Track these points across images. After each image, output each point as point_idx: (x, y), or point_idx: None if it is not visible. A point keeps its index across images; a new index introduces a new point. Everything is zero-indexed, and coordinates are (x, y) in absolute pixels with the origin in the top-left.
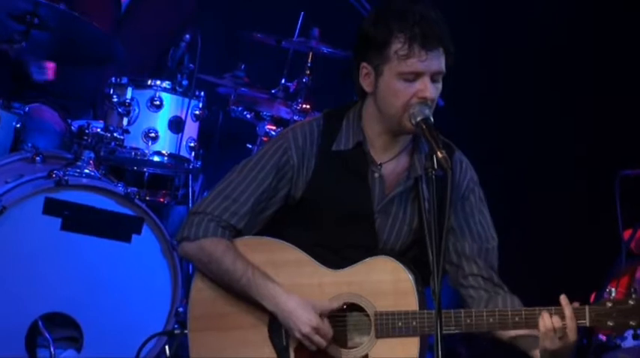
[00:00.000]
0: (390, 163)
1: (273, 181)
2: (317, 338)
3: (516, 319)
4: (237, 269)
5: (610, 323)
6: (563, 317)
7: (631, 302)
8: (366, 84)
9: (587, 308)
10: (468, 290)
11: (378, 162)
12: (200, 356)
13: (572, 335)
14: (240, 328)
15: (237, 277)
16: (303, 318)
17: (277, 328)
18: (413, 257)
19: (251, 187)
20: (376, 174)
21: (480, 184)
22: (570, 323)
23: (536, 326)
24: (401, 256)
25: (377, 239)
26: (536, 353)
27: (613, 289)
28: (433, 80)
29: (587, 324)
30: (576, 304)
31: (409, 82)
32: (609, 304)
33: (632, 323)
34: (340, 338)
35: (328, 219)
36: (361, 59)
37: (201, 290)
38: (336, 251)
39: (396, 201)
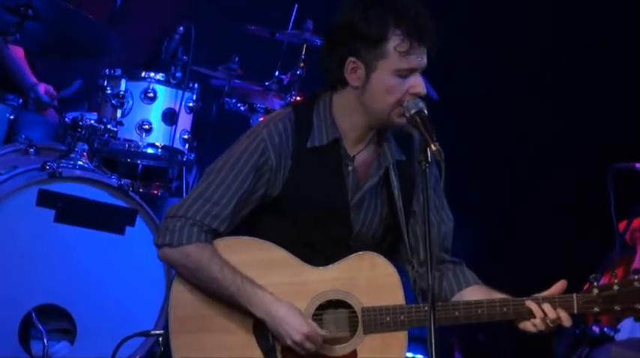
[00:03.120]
0: (361, 154)
1: (252, 182)
2: (309, 345)
3: (504, 309)
4: (225, 277)
5: (596, 309)
6: (553, 304)
7: (615, 287)
8: (352, 78)
9: (574, 296)
10: (422, 276)
11: (351, 155)
12: None
13: (566, 323)
14: (225, 329)
15: (225, 285)
16: (295, 326)
17: (262, 329)
18: (386, 248)
19: (231, 189)
20: (350, 168)
21: (436, 164)
22: (563, 313)
23: (524, 315)
24: (375, 247)
25: (350, 231)
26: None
27: (598, 275)
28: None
29: (575, 311)
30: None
31: (402, 78)
32: (595, 291)
33: (616, 308)
34: None
35: (305, 216)
36: (348, 53)
37: (182, 291)
38: (313, 247)
39: (368, 193)
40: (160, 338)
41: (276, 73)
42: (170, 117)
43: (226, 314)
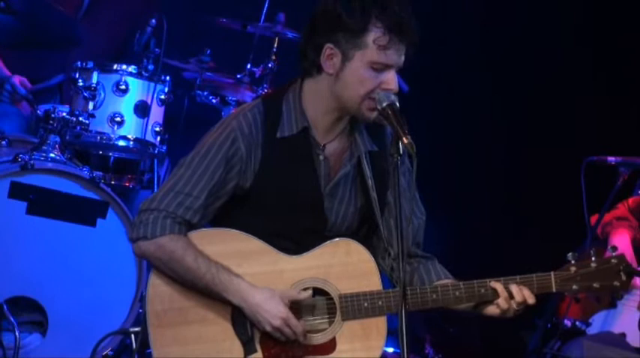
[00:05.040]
0: (332, 144)
1: (223, 173)
2: (288, 330)
3: (482, 291)
4: (199, 267)
5: (575, 287)
6: (523, 287)
7: (593, 265)
8: (327, 65)
9: (552, 274)
10: (394, 270)
11: (322, 144)
12: (163, 353)
13: (530, 300)
14: (203, 321)
15: (200, 274)
16: (273, 311)
17: (241, 319)
18: (361, 239)
19: (203, 180)
20: (321, 157)
21: (408, 157)
22: (526, 291)
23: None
24: (350, 237)
25: (325, 221)
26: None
27: (576, 254)
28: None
29: (554, 290)
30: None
31: (377, 71)
32: (573, 268)
33: (595, 285)
34: None
35: (278, 206)
36: (327, 40)
37: (159, 285)
38: (288, 237)
39: (342, 183)
40: (133, 334)
41: (248, 66)
42: (142, 109)
43: (204, 306)
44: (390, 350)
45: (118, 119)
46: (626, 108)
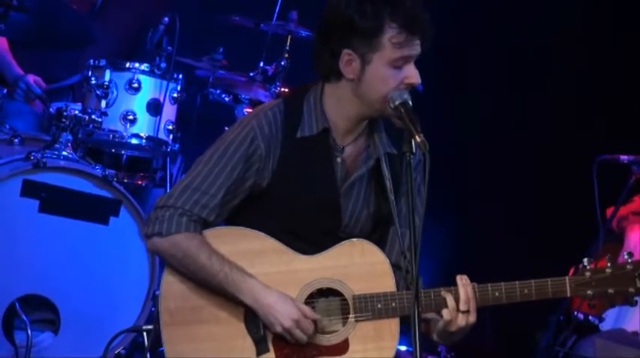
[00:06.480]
0: (350, 146)
1: (241, 171)
2: (298, 332)
3: (496, 294)
4: (213, 265)
5: (590, 292)
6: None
7: (608, 270)
8: (347, 71)
9: (566, 278)
10: (408, 272)
11: (340, 146)
12: (175, 351)
13: (472, 317)
14: (215, 320)
15: (213, 273)
16: (285, 312)
17: (253, 318)
18: (375, 242)
19: (220, 178)
20: (339, 159)
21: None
22: (472, 303)
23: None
24: (365, 238)
25: (340, 222)
26: (439, 332)
27: (591, 259)
28: None
29: (568, 294)
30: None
31: (397, 69)
32: (588, 273)
33: (610, 291)
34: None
35: (294, 205)
36: (343, 46)
37: (172, 283)
38: (303, 237)
39: (357, 184)
40: (145, 332)
41: (261, 64)
42: (154, 107)
43: (217, 305)
44: (403, 348)
45: (131, 117)
46: (627, 108)
